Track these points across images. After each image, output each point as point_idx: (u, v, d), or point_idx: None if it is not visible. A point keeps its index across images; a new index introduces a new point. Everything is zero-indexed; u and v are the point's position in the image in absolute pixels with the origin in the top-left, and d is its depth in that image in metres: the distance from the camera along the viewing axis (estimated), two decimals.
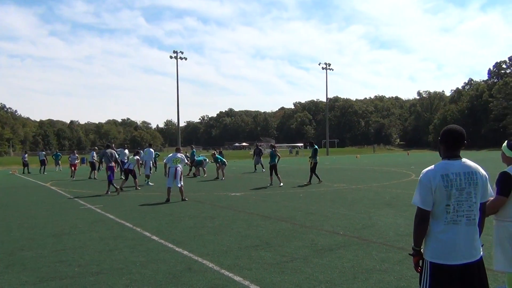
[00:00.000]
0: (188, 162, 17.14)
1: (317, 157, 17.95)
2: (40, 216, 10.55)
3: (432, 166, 3.04)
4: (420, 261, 3.05)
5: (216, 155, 22.37)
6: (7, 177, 28.08)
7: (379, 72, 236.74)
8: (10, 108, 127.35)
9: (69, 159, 26.12)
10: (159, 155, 30.25)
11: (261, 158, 26.69)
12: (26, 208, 12.09)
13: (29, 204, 13.15)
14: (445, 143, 3.08)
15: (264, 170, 26.40)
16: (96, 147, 24.21)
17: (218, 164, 21.99)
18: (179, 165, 12.80)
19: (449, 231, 2.91)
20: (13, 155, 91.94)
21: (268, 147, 17.88)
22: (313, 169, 17.74)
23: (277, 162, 17.30)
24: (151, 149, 19.93)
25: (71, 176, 24.16)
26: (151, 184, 18.55)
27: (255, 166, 27.05)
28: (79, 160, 30.10)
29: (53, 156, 36.57)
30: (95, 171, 24.18)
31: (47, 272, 5.66)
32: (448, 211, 2.93)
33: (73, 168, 24.83)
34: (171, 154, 13.27)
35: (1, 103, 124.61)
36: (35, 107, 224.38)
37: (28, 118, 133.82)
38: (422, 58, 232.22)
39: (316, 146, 18.38)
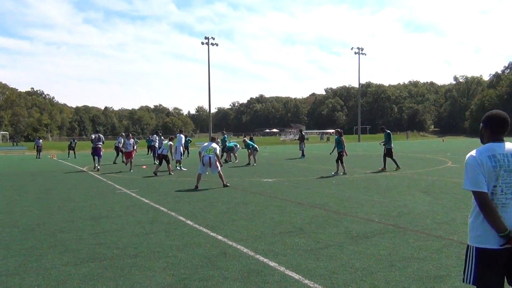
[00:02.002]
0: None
1: (391, 143, 17.24)
2: (78, 200, 10.88)
3: (477, 149, 2.95)
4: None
5: (248, 141, 22.45)
6: (46, 161, 29.10)
7: (413, 56, 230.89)
8: (48, 94, 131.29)
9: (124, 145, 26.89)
10: (191, 141, 30.68)
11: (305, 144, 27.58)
12: (65, 192, 12.49)
13: (68, 188, 13.57)
14: (490, 128, 2.99)
15: (305, 156, 26.46)
16: (123, 133, 25.05)
17: (249, 150, 22.06)
18: (212, 154, 12.69)
19: None
20: (50, 140, 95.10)
21: (335, 133, 17.09)
22: (388, 155, 17.13)
23: (344, 148, 16.19)
24: (182, 135, 20.17)
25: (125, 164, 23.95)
26: (184, 169, 18.80)
27: (302, 152, 27.18)
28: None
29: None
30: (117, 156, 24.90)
31: (87, 254, 5.84)
32: (494, 193, 2.83)
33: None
34: (206, 143, 13.30)
35: (40, 90, 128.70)
36: (71, 94, 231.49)
37: (64, 105, 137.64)
38: (458, 41, 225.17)
39: (389, 131, 17.60)
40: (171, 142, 17.79)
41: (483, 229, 2.86)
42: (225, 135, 26.93)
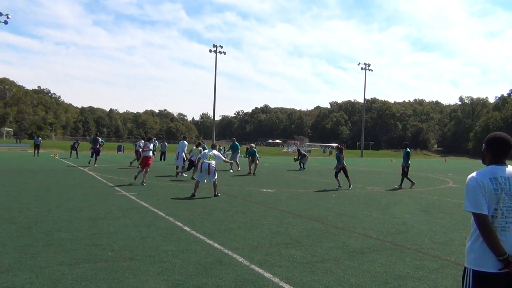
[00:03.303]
0: (226, 159, 16.86)
1: (409, 161, 16.97)
2: (77, 200, 10.88)
3: (478, 171, 2.93)
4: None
5: (253, 149, 22.27)
6: (49, 160, 29.15)
7: (420, 75, 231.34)
8: (54, 93, 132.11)
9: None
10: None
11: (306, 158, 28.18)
12: (65, 191, 12.49)
13: (67, 187, 13.58)
14: (492, 150, 2.98)
15: (304, 169, 26.59)
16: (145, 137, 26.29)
17: (250, 158, 22.02)
18: (212, 161, 12.40)
19: None
20: (54, 139, 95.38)
21: (336, 149, 17.06)
22: (404, 173, 16.86)
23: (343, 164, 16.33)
24: (185, 142, 20.18)
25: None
26: (184, 175, 18.79)
27: (300, 164, 27.59)
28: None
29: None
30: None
31: (83, 254, 5.82)
32: (495, 216, 2.81)
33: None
34: (207, 150, 13.22)
35: (47, 89, 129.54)
36: (77, 94, 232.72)
37: (70, 104, 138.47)
38: (465, 62, 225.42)
39: (409, 149, 17.37)
40: (200, 148, 17.83)
41: (481, 252, 2.83)
42: (236, 143, 25.23)
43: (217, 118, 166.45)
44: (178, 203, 10.86)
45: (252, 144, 24.10)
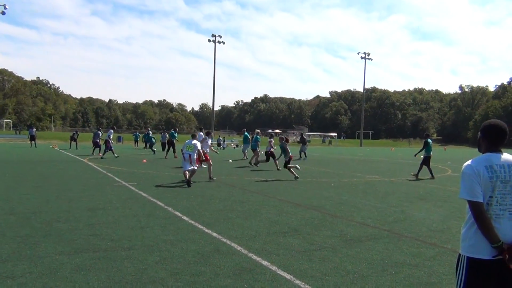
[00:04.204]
0: (201, 152, 16.55)
1: (431, 152, 16.93)
2: (76, 190, 10.91)
3: (474, 159, 2.94)
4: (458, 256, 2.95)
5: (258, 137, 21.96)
6: (48, 151, 29.18)
7: (419, 64, 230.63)
8: (53, 84, 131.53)
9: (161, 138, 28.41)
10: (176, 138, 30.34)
11: (306, 146, 27.88)
12: (64, 182, 12.52)
13: (67, 178, 13.61)
14: (487, 137, 2.99)
15: (306, 158, 26.53)
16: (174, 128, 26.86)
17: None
18: (191, 151, 12.72)
19: None
20: (53, 130, 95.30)
21: (280, 140, 16.79)
22: (425, 163, 16.86)
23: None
24: (201, 133, 20.03)
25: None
26: (203, 166, 18.74)
27: (300, 153, 27.34)
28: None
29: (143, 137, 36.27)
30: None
31: (82, 244, 5.86)
32: (490, 203, 2.82)
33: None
34: (187, 140, 13.34)
35: (46, 79, 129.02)
36: (76, 85, 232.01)
37: (69, 95, 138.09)
38: (465, 51, 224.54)
39: (430, 140, 17.21)
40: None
41: (476, 239, 2.85)
42: (258, 135, 22.79)
43: (217, 108, 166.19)
44: (177, 193, 10.90)
45: (257, 130, 23.29)
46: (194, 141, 13.13)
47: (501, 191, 2.83)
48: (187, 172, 12.57)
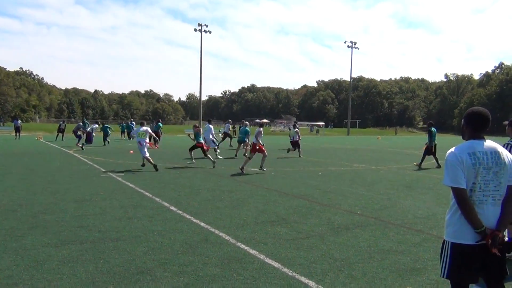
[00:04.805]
0: (153, 135, 17.23)
1: (434, 141, 16.93)
2: (63, 182, 10.81)
3: (457, 146, 2.99)
4: (444, 243, 3.00)
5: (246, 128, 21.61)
6: (34, 143, 28.78)
7: (406, 52, 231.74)
8: (37, 75, 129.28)
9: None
10: (161, 127, 30.16)
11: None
12: (51, 173, 12.39)
13: (53, 170, 13.47)
14: (470, 125, 3.03)
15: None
16: (230, 120, 26.76)
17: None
18: (142, 138, 13.83)
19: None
20: (38, 121, 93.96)
21: (193, 127, 17.17)
22: (428, 152, 16.77)
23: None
24: (210, 125, 19.83)
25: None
26: (219, 157, 18.69)
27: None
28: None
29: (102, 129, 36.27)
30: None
31: (68, 236, 5.82)
32: (473, 189, 2.87)
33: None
34: (136, 128, 14.59)
35: (29, 70, 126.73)
36: (61, 75, 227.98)
37: (54, 86, 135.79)
38: (451, 39, 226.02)
39: (433, 129, 17.22)
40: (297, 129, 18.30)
41: (459, 225, 2.91)
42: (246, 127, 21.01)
43: (204, 98, 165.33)
44: (164, 183, 10.86)
45: (246, 122, 22.62)
46: (144, 127, 14.29)
47: (484, 178, 2.88)
48: (149, 158, 13.64)
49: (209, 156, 15.21)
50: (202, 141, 15.62)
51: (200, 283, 4.23)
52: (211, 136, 18.99)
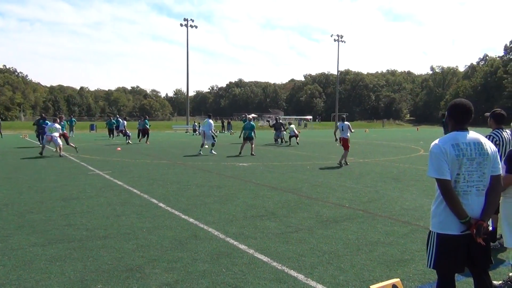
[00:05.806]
0: (64, 132, 19.18)
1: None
2: (49, 180, 10.69)
3: (440, 138, 3.03)
4: (431, 233, 3.05)
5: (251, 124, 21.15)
6: (18, 141, 28.39)
7: (392, 45, 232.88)
8: (21, 72, 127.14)
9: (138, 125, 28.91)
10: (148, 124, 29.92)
11: (282, 132, 26.44)
12: (36, 172, 12.25)
13: (39, 168, 13.31)
14: (453, 117, 3.07)
15: (286, 142, 26.09)
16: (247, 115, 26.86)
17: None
18: (54, 133, 16.62)
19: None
20: (23, 120, 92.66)
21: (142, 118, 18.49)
22: None
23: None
24: (210, 120, 19.69)
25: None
26: (214, 152, 18.59)
27: (275, 140, 26.49)
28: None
29: (68, 122, 36.37)
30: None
31: (56, 235, 5.77)
32: (457, 180, 2.91)
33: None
34: (50, 123, 17.18)
35: (13, 67, 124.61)
36: (45, 72, 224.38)
37: (38, 83, 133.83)
38: (436, 31, 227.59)
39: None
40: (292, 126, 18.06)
41: (444, 216, 2.95)
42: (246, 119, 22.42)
43: (191, 93, 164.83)
44: (152, 180, 10.81)
45: (250, 116, 21.94)
46: (56, 125, 17.08)
47: (467, 168, 2.92)
48: (60, 148, 16.77)
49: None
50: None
51: (189, 279, 4.23)
52: (210, 132, 18.94)
